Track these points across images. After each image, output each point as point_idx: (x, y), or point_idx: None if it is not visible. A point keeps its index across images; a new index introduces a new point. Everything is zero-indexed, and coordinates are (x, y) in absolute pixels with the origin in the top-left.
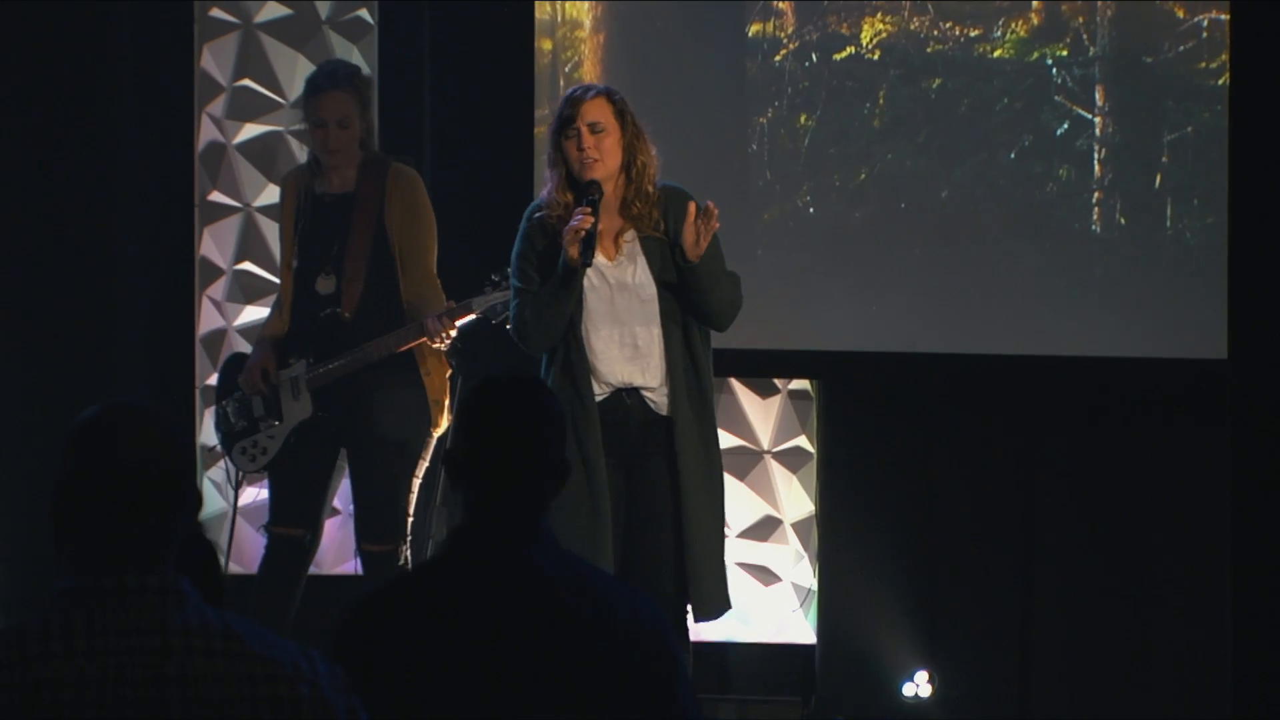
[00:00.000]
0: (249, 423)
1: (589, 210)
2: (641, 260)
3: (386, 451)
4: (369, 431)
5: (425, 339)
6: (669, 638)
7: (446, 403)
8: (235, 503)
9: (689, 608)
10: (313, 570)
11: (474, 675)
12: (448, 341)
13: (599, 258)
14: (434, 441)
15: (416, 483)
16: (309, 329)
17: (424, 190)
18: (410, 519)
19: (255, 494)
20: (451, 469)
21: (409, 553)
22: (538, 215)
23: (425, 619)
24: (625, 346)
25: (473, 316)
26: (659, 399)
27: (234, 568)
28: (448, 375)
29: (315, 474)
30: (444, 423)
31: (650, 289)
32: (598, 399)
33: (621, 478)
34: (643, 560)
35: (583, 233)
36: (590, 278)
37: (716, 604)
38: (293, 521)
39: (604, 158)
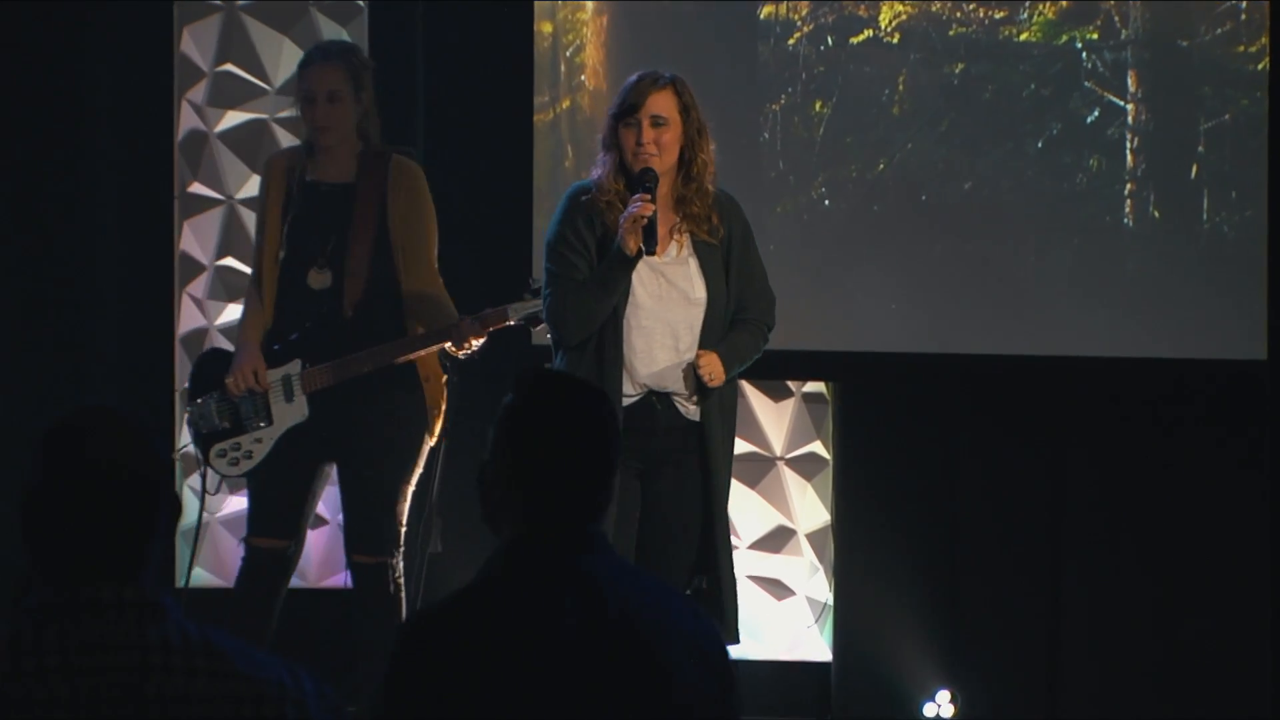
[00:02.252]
0: (233, 424)
1: (649, 198)
2: (694, 262)
3: (381, 460)
4: (363, 439)
5: (448, 344)
6: (727, 652)
7: (443, 408)
8: (201, 509)
9: None
10: (297, 583)
11: (540, 690)
12: (471, 350)
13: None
14: (427, 450)
15: (410, 491)
16: (301, 326)
17: (426, 184)
18: (404, 529)
19: (235, 502)
20: (500, 478)
21: (401, 564)
22: (584, 198)
23: (489, 633)
24: (667, 348)
25: (510, 323)
26: (689, 405)
27: (209, 579)
28: (444, 381)
29: (300, 481)
30: (438, 429)
31: (701, 292)
32: (627, 401)
33: (637, 483)
34: (663, 572)
35: (643, 220)
36: (639, 270)
37: (735, 633)
38: (276, 532)
39: (662, 153)
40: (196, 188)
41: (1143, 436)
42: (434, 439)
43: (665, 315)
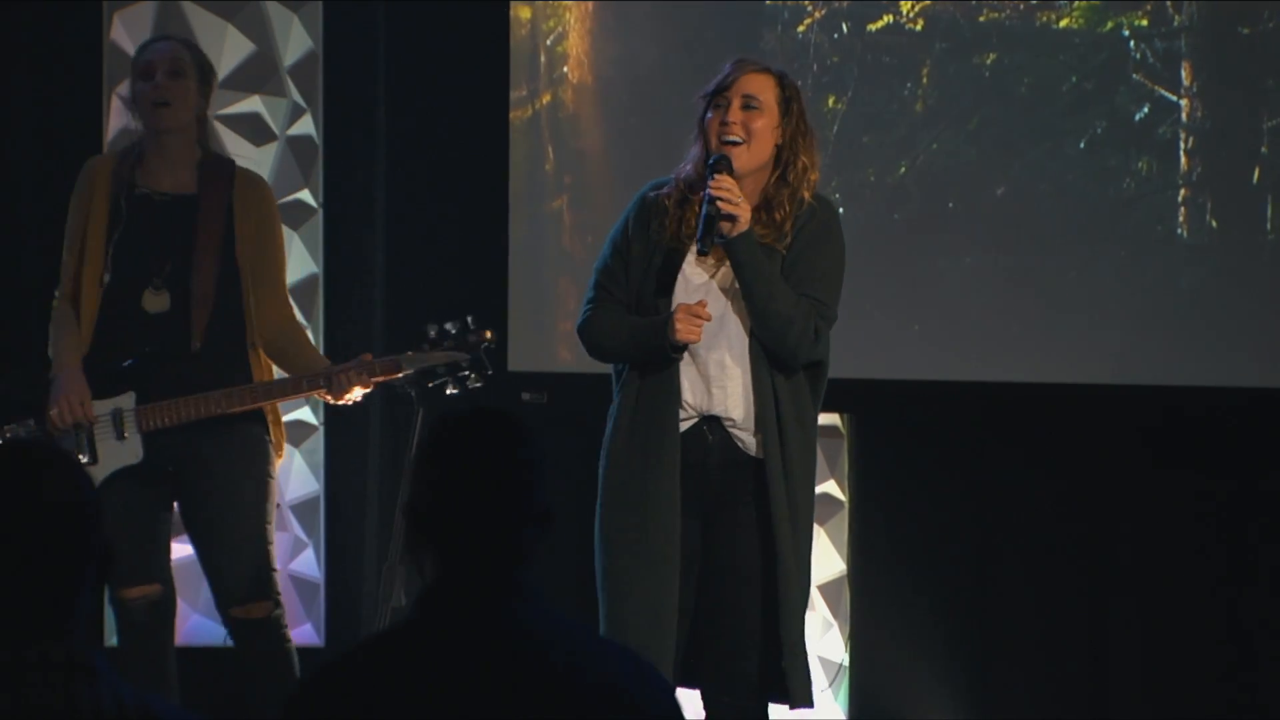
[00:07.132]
0: None
1: (726, 188)
2: None
3: (239, 497)
4: (211, 476)
5: (322, 393)
6: (681, 713)
7: (283, 441)
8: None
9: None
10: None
11: None
12: (353, 399)
13: (689, 260)
14: (276, 482)
15: (272, 530)
16: (133, 353)
17: (275, 201)
18: (276, 573)
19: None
20: (414, 522)
21: (283, 615)
22: (651, 195)
23: (392, 692)
24: (710, 364)
25: (399, 376)
26: (746, 437)
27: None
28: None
29: (152, 522)
30: (283, 443)
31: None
32: (682, 427)
33: (698, 529)
34: (723, 630)
35: (697, 321)
36: (686, 281)
37: (806, 698)
38: (144, 578)
39: (750, 139)
40: None
41: (1199, 473)
42: (281, 454)
43: (712, 329)
